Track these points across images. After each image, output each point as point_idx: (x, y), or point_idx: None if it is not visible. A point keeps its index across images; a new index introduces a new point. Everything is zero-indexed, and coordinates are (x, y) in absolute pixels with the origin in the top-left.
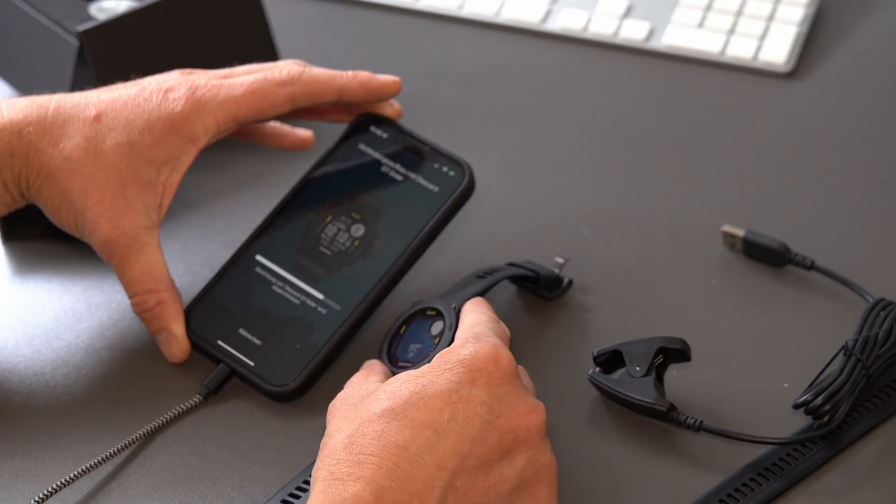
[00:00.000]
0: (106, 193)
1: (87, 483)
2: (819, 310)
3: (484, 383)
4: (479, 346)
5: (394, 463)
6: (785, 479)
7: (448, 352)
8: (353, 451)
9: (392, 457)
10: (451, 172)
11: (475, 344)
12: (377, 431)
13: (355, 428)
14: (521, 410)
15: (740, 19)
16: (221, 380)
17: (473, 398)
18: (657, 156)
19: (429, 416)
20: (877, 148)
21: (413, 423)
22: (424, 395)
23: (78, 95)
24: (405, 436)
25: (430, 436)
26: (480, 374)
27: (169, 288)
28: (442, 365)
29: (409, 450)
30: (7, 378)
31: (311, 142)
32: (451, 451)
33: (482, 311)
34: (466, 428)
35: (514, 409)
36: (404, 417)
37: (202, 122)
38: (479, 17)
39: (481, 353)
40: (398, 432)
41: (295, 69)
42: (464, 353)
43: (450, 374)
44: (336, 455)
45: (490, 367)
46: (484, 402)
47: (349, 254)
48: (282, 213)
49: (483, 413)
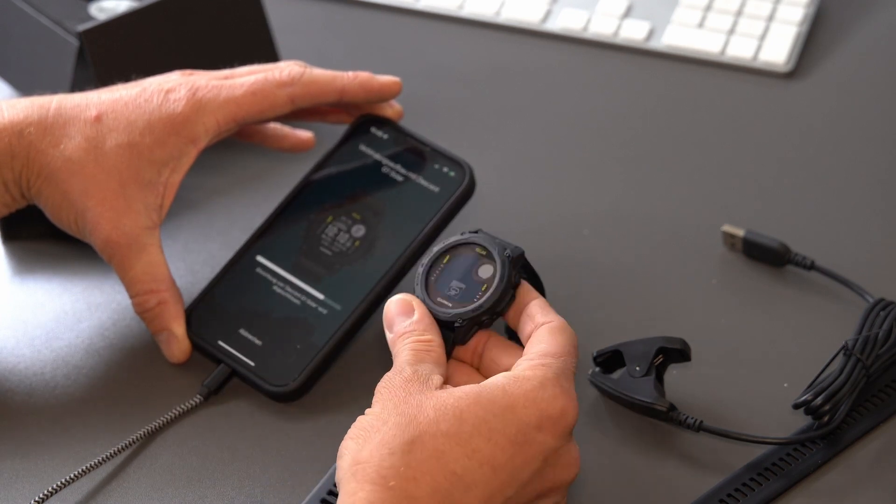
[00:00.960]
0: (107, 194)
1: (87, 483)
2: (819, 310)
3: (549, 433)
4: (558, 392)
5: (447, 490)
6: (785, 479)
7: (525, 385)
8: (410, 464)
9: (447, 483)
10: (451, 173)
11: (553, 388)
12: (439, 451)
13: (416, 434)
14: (567, 464)
15: (740, 19)
16: (222, 380)
17: (536, 445)
18: (657, 156)
19: (491, 452)
20: (877, 148)
21: (475, 455)
22: (493, 428)
23: (79, 96)
24: (464, 465)
25: (487, 472)
26: (550, 422)
27: (170, 288)
28: (516, 398)
29: (465, 480)
30: (7, 378)
31: (311, 143)
32: (500, 490)
33: (567, 339)
34: (521, 472)
35: (562, 461)
36: (468, 446)
37: (203, 123)
38: (479, 17)
39: (559, 403)
40: (458, 460)
41: (295, 70)
42: (543, 395)
43: (523, 412)
44: (392, 457)
45: (561, 421)
46: (543, 451)
47: (350, 254)
48: (282, 213)
49: (539, 462)
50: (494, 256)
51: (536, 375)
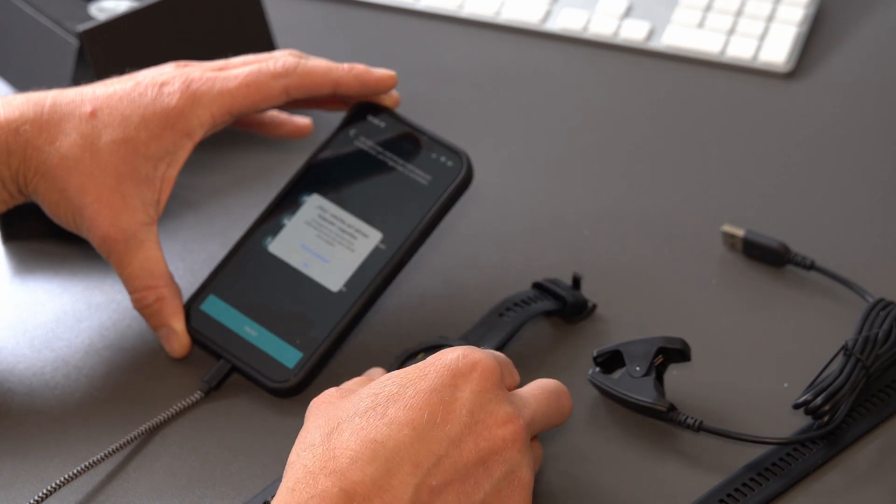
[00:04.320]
0: (103, 191)
1: (87, 482)
2: (819, 310)
3: (467, 388)
4: (467, 352)
5: (369, 457)
6: (785, 479)
7: (436, 356)
8: (329, 446)
9: (368, 451)
10: (448, 162)
11: (463, 350)
12: (356, 427)
13: (335, 425)
14: (500, 418)
15: (740, 19)
16: (222, 376)
17: (455, 401)
18: (657, 156)
19: (409, 415)
20: (877, 148)
21: (393, 421)
22: (406, 394)
23: (74, 91)
24: (383, 432)
25: (408, 433)
26: (465, 379)
27: (168, 284)
28: (427, 367)
29: (387, 446)
30: (7, 378)
31: (309, 129)
32: (428, 450)
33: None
34: (445, 430)
35: (493, 416)
36: (385, 415)
37: (197, 116)
38: (479, 17)
39: (469, 359)
40: (377, 429)
41: (290, 61)
42: (451, 357)
43: (435, 376)
44: (313, 449)
45: (475, 375)
46: (465, 406)
47: (347, 245)
48: (280, 205)
49: (463, 416)
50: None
51: (449, 349)
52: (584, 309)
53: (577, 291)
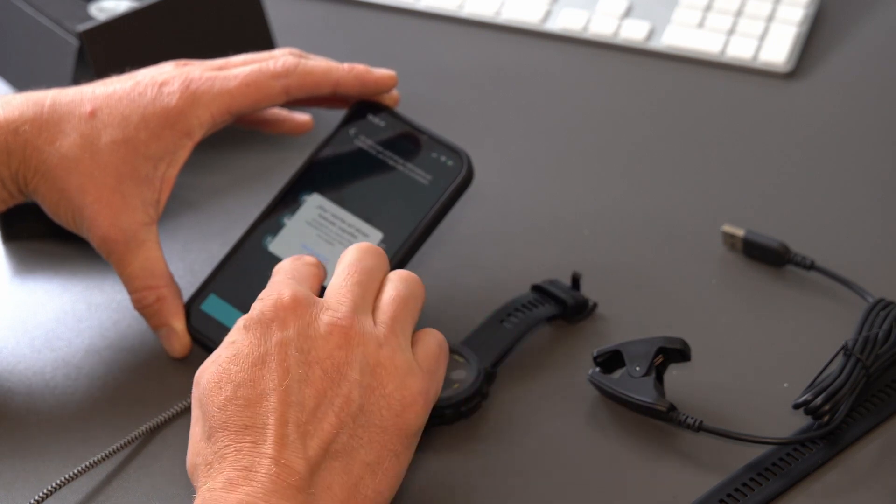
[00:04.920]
0: (103, 191)
1: (87, 482)
2: (819, 310)
3: (279, 329)
4: (263, 297)
5: (250, 442)
6: (785, 479)
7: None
8: (213, 445)
9: (245, 437)
10: (449, 161)
11: (260, 299)
12: (222, 421)
13: (208, 426)
14: (324, 333)
15: (740, 19)
16: None
17: (276, 347)
18: (657, 156)
19: (256, 388)
20: (877, 148)
21: (248, 401)
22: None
23: (73, 91)
24: (247, 415)
25: (265, 404)
26: (272, 323)
27: (168, 284)
28: (240, 330)
29: (256, 424)
30: (7, 378)
31: (309, 126)
32: (286, 403)
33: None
34: (287, 377)
35: (315, 336)
36: (239, 398)
37: (197, 116)
38: (479, 17)
39: (267, 303)
40: (240, 415)
41: (290, 61)
42: (253, 312)
43: (251, 335)
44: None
45: (279, 313)
46: (288, 345)
47: (347, 245)
48: (279, 204)
49: (294, 355)
50: (471, 365)
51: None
52: (584, 309)
53: (577, 292)
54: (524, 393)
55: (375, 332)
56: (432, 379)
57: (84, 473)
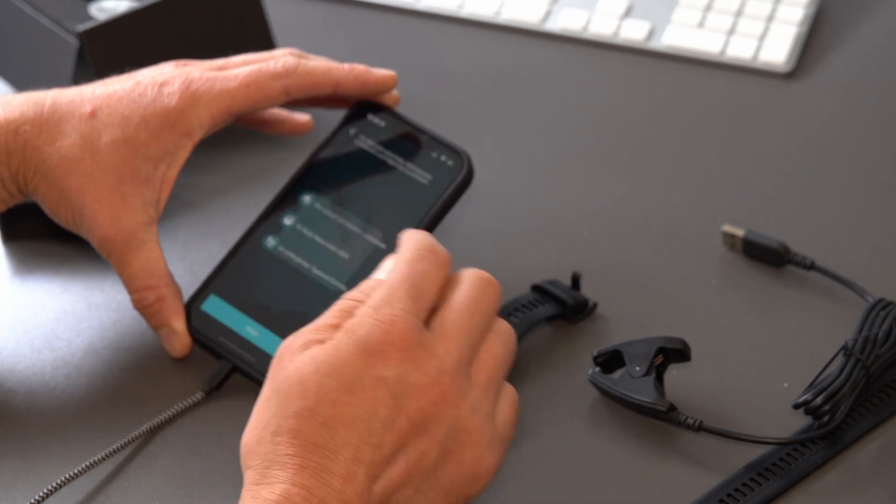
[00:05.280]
0: (103, 191)
1: (87, 483)
2: (819, 310)
3: (382, 366)
4: (374, 322)
5: (317, 464)
6: (785, 479)
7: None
8: (279, 451)
9: (316, 457)
10: (449, 161)
11: (370, 320)
12: (294, 430)
13: (277, 424)
14: (423, 385)
15: (740, 19)
16: (223, 376)
17: (375, 384)
18: (657, 156)
19: (337, 411)
20: (877, 148)
21: (325, 421)
22: (331, 388)
23: (73, 91)
24: (321, 434)
25: (343, 432)
26: (377, 356)
27: (168, 284)
28: (341, 345)
29: (329, 447)
30: (7, 378)
31: (309, 126)
32: (365, 442)
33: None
34: (374, 418)
35: (416, 386)
36: (317, 415)
37: (197, 116)
38: (479, 17)
39: (376, 333)
40: (314, 432)
41: (290, 61)
42: (361, 332)
43: (353, 361)
44: (262, 448)
45: (385, 348)
46: (387, 386)
47: (347, 245)
48: (279, 204)
49: (387, 399)
50: None
51: (359, 315)
52: (584, 308)
53: (577, 292)
54: (524, 393)
55: (471, 394)
56: (505, 449)
57: (84, 473)
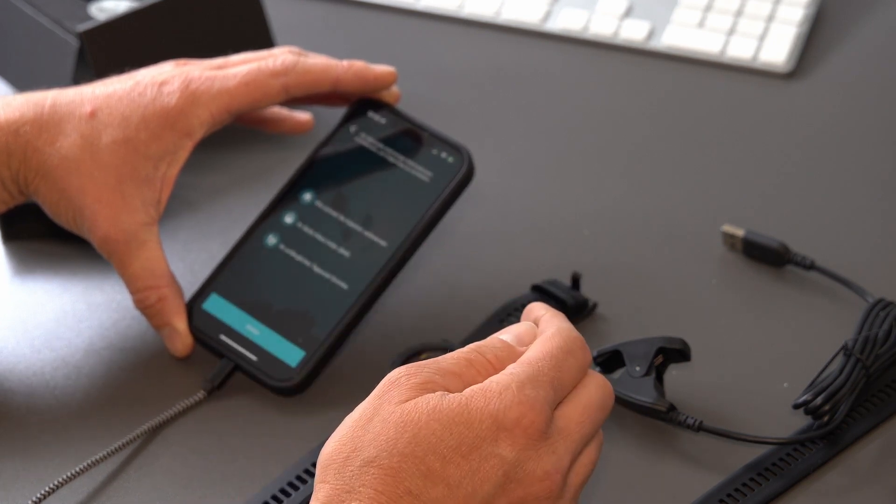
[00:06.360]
0: (104, 191)
1: (88, 482)
2: (819, 310)
3: (507, 445)
4: (516, 401)
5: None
6: (785, 479)
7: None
8: (365, 482)
9: (402, 502)
10: (450, 158)
11: (513, 397)
12: (393, 468)
13: (374, 455)
14: (536, 477)
15: (740, 19)
16: (225, 375)
17: (493, 458)
18: (657, 156)
19: (445, 469)
20: (877, 148)
21: (429, 473)
22: (448, 445)
23: (73, 91)
24: (419, 484)
25: (442, 490)
26: (505, 433)
27: (170, 283)
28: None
29: (421, 499)
30: (7, 378)
31: (310, 125)
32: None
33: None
34: (479, 488)
35: (530, 476)
36: (422, 464)
37: (197, 116)
38: (479, 18)
39: (513, 412)
40: (412, 479)
41: (289, 59)
42: (499, 406)
43: (478, 426)
44: (349, 470)
45: (517, 431)
46: (502, 465)
47: (348, 243)
48: (280, 203)
49: (498, 476)
50: None
51: (500, 385)
52: (584, 309)
53: (577, 292)
54: None
55: (565, 495)
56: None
57: (84, 473)
